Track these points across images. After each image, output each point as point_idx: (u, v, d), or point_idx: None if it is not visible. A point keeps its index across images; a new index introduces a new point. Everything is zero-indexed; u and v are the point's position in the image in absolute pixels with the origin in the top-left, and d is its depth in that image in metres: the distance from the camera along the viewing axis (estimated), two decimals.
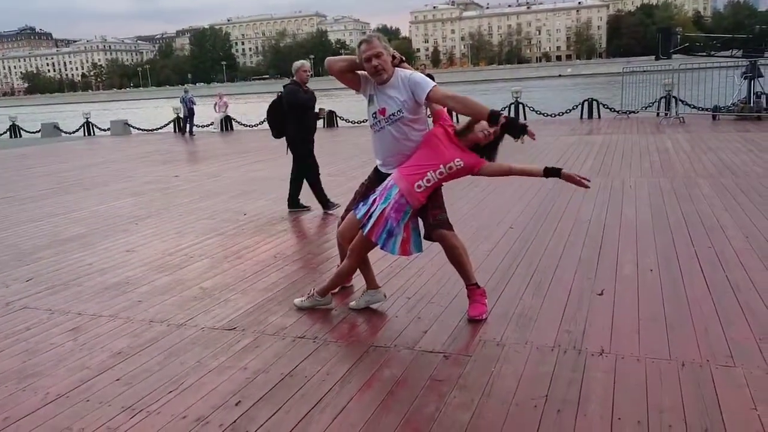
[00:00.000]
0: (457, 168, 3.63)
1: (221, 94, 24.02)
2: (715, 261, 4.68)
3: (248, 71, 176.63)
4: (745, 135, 12.08)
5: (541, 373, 3.11)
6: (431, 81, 3.66)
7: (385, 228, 3.65)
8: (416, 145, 3.75)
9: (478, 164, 3.66)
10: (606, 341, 3.42)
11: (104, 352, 3.67)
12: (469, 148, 3.67)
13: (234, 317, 4.10)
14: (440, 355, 3.38)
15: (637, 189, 7.47)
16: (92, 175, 12.03)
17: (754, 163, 8.89)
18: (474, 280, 3.92)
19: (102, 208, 8.37)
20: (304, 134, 7.20)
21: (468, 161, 3.64)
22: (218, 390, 3.12)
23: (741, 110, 15.06)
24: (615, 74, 35.32)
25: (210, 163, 13.22)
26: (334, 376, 3.21)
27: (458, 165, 3.62)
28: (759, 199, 6.60)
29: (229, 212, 7.58)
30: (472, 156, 3.67)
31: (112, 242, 6.36)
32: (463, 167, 3.64)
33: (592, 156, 10.45)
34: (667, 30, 19.34)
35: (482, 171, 3.68)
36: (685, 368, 3.08)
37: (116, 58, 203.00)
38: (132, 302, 4.51)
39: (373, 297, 4.10)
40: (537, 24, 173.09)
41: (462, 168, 3.64)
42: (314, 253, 5.53)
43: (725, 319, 3.63)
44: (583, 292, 4.20)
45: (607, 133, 13.78)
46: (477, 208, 6.92)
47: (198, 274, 5.11)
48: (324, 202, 7.30)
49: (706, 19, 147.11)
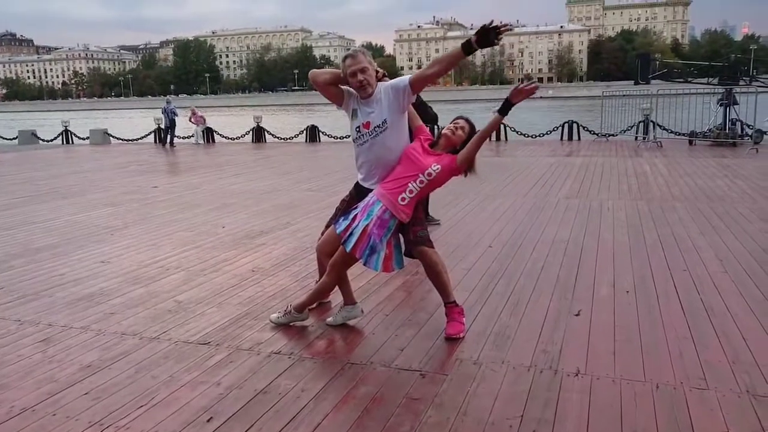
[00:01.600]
0: (436, 173, 3.65)
1: (194, 108, 22.80)
2: (690, 284, 4.73)
3: (232, 84, 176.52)
4: (720, 161, 12.30)
5: (517, 393, 3.10)
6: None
7: (368, 244, 3.64)
8: (397, 159, 3.76)
9: (454, 159, 3.69)
10: (582, 362, 3.43)
11: (74, 364, 3.58)
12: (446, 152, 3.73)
13: (209, 331, 4.04)
14: (417, 373, 3.36)
15: (615, 211, 7.56)
16: (69, 183, 11.86)
17: (729, 188, 9.04)
18: (452, 298, 3.91)
19: (78, 217, 8.24)
20: None
21: (444, 162, 3.67)
22: (190, 405, 3.06)
23: (717, 136, 15.35)
24: (595, 97, 35.84)
25: (190, 174, 13.12)
26: (309, 392, 3.17)
27: (436, 170, 3.65)
28: (733, 223, 6.70)
29: (208, 225, 7.50)
30: (446, 156, 3.70)
31: (87, 252, 6.26)
32: (442, 170, 3.66)
33: (572, 177, 10.55)
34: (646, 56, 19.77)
35: (459, 161, 3.68)
36: (659, 390, 3.09)
37: (98, 67, 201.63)
38: (104, 314, 4.42)
39: (350, 313, 4.07)
40: (520, 46, 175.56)
41: (441, 171, 3.66)
42: (293, 268, 5.49)
43: (699, 341, 3.66)
44: (560, 312, 4.21)
45: (586, 155, 13.95)
46: (456, 226, 6.93)
47: (173, 286, 5.04)
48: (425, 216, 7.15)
49: (683, 47, 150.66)
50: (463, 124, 3.76)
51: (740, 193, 8.63)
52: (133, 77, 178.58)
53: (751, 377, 3.19)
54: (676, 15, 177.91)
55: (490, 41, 3.32)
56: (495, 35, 3.31)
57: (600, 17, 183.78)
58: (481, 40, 3.33)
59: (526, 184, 9.99)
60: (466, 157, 3.67)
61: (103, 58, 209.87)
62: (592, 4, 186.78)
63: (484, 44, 3.35)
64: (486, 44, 3.34)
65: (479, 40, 3.33)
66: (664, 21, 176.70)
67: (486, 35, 3.32)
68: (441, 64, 3.58)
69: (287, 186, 10.61)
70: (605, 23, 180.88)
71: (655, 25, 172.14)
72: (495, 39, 3.31)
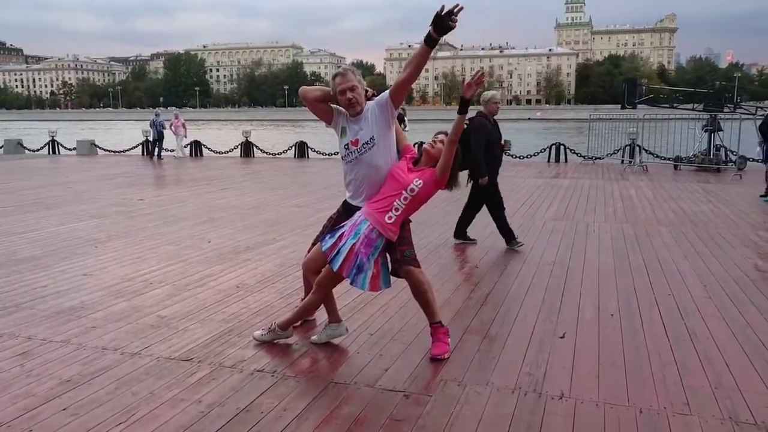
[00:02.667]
0: (419, 188, 3.66)
1: (177, 113, 22.67)
2: (674, 308, 4.76)
3: (221, 98, 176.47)
4: (705, 186, 12.45)
5: (500, 415, 3.09)
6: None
7: (355, 263, 3.63)
8: (384, 179, 3.77)
9: (433, 172, 3.69)
10: (566, 385, 3.42)
11: (53, 379, 3.52)
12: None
13: (191, 347, 3.99)
14: (400, 394, 3.33)
15: (601, 234, 7.61)
16: (54, 194, 11.75)
17: (713, 213, 9.14)
18: (438, 318, 3.91)
19: (62, 229, 8.16)
20: (491, 167, 6.96)
21: (426, 177, 3.69)
22: (170, 423, 3.01)
23: (701, 162, 15.55)
24: (582, 120, 36.23)
25: (177, 188, 13.06)
26: (292, 412, 3.14)
27: (419, 185, 3.66)
28: (717, 248, 6.77)
29: (194, 239, 7.45)
30: (427, 171, 3.72)
31: (70, 265, 6.18)
32: (424, 184, 3.67)
33: (558, 199, 10.63)
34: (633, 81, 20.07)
35: (438, 172, 3.68)
36: (642, 415, 3.09)
37: (87, 78, 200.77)
38: (85, 328, 4.36)
39: (335, 331, 4.05)
40: (509, 67, 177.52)
41: (423, 186, 3.67)
42: (278, 285, 5.46)
43: (683, 366, 3.67)
44: (545, 334, 4.22)
45: (573, 178, 14.06)
46: (442, 246, 6.94)
47: (157, 301, 4.99)
48: (508, 237, 6.95)
49: (669, 73, 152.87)
50: (441, 138, 3.77)
51: (724, 218, 8.73)
52: (123, 89, 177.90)
53: (733, 403, 3.20)
54: (662, 41, 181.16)
55: (446, 26, 3.36)
56: (449, 18, 3.34)
57: (588, 41, 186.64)
58: (438, 28, 3.37)
59: (513, 204, 10.03)
60: (443, 164, 3.67)
61: (93, 69, 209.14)
62: (580, 28, 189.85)
63: (441, 30, 3.38)
64: (444, 30, 3.38)
65: (436, 28, 3.37)
66: (651, 47, 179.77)
67: (441, 21, 3.35)
68: (411, 65, 3.60)
69: (275, 201, 10.58)
70: (593, 47, 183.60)
71: (642, 51, 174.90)
72: (450, 22, 3.34)
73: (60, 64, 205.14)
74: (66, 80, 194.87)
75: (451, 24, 3.33)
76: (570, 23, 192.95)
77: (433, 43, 3.42)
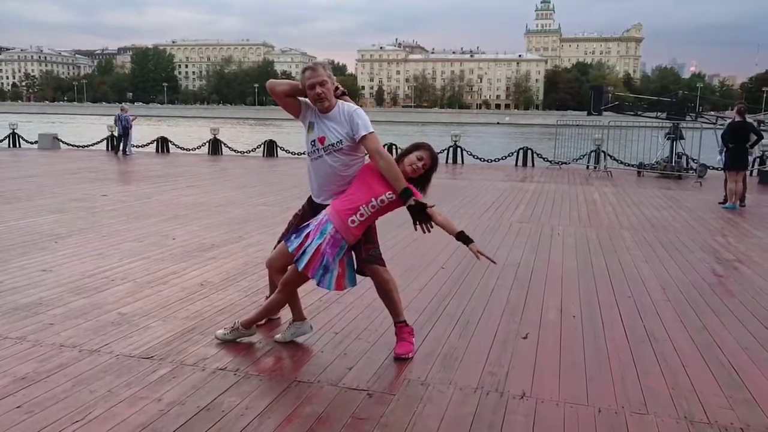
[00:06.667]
0: (389, 201, 3.65)
1: (124, 107, 21.92)
2: (634, 310, 4.86)
3: (190, 95, 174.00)
4: (666, 192, 12.76)
5: (462, 414, 3.11)
6: (371, 126, 3.69)
7: (321, 263, 3.61)
8: (351, 178, 3.75)
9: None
10: (528, 385, 3.46)
11: (7, 376, 3.43)
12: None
13: (152, 345, 3.92)
14: (364, 393, 3.33)
15: (565, 237, 7.72)
16: (14, 188, 11.43)
17: (674, 219, 9.37)
18: (403, 317, 3.91)
19: (21, 223, 7.94)
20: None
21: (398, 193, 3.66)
22: (128, 422, 2.96)
23: (663, 168, 15.94)
24: (550, 126, 36.74)
25: (142, 184, 12.83)
26: (254, 410, 3.11)
27: (390, 198, 3.64)
28: (676, 253, 6.93)
29: (158, 236, 7.33)
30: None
31: (28, 260, 6.03)
32: (395, 200, 3.66)
33: (524, 202, 10.76)
34: (599, 88, 20.40)
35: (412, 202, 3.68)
36: (601, 414, 3.14)
37: (51, 70, 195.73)
38: (43, 325, 4.25)
39: (299, 329, 4.03)
40: (479, 72, 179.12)
41: (394, 201, 3.65)
42: (243, 283, 5.40)
43: (641, 367, 3.75)
44: (508, 334, 4.26)
45: (539, 182, 14.25)
46: (409, 247, 6.96)
47: (118, 298, 4.89)
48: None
49: (635, 81, 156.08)
50: (425, 160, 3.71)
51: (683, 223, 8.95)
52: (88, 82, 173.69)
53: (688, 403, 3.28)
54: (629, 50, 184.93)
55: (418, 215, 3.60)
56: (421, 215, 3.58)
57: (557, 48, 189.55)
58: (413, 209, 3.58)
59: (481, 207, 10.13)
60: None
61: (57, 62, 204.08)
62: (549, 35, 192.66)
63: (415, 212, 3.59)
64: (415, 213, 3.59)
65: (412, 206, 3.57)
66: (617, 56, 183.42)
67: (418, 210, 3.58)
68: (387, 170, 3.60)
69: (242, 200, 10.48)
70: (562, 54, 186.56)
71: (609, 59, 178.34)
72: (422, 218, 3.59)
73: (23, 56, 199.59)
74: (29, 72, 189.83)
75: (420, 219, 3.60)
76: (540, 30, 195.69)
77: (404, 202, 3.60)
